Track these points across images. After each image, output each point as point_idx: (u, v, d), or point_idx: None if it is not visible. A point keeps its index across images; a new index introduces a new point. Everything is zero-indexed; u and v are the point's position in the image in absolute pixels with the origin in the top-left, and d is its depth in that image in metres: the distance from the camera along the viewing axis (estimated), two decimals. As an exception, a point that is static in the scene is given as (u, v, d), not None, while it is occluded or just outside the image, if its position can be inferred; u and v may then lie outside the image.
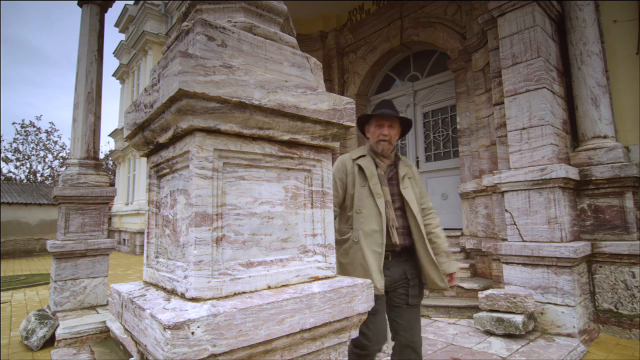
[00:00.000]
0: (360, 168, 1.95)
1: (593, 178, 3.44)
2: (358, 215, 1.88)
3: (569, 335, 3.05)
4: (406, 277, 1.94)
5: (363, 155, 2.00)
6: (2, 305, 5.46)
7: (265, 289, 1.05)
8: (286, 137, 1.13)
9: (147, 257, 1.22)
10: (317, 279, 1.18)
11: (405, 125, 2.11)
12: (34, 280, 7.61)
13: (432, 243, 1.95)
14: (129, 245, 13.10)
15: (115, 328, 3.47)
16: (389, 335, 1.92)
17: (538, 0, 3.51)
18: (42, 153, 26.30)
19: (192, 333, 0.81)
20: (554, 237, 3.17)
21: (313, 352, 1.09)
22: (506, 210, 3.50)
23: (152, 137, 1.14)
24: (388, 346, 1.52)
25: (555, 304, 3.14)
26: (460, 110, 5.39)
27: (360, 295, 1.18)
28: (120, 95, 16.95)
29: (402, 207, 1.95)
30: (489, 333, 3.20)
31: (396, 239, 1.86)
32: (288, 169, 1.18)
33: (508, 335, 3.07)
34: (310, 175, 1.23)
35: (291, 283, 1.12)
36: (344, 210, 1.99)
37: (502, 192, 3.59)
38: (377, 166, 1.97)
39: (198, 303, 0.91)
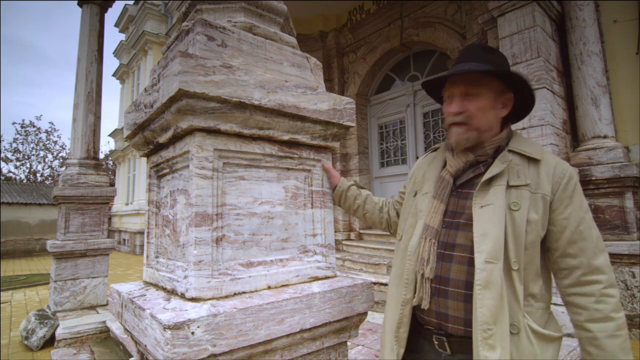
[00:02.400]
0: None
1: (593, 178, 3.44)
2: (397, 245, 1.16)
3: (569, 335, 3.04)
4: None
5: (436, 149, 1.23)
6: (2, 305, 5.46)
7: (265, 289, 1.05)
8: (286, 137, 1.13)
9: (147, 257, 1.22)
10: (317, 279, 1.18)
11: (519, 88, 1.04)
12: (34, 280, 7.61)
13: (588, 355, 0.93)
14: (129, 245, 13.09)
15: (115, 328, 3.47)
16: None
17: (538, 0, 3.51)
18: (42, 153, 26.31)
19: (192, 333, 0.81)
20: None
21: (313, 352, 1.09)
22: (506, 210, 3.50)
23: (152, 137, 1.14)
24: None
25: (555, 304, 3.13)
26: (460, 110, 5.38)
27: (360, 295, 1.18)
28: (120, 95, 16.95)
29: (472, 244, 0.97)
30: (489, 333, 3.20)
31: (423, 298, 1.00)
32: (288, 169, 1.17)
33: (508, 335, 3.07)
34: (310, 175, 1.23)
35: (291, 283, 1.12)
36: None
37: (502, 192, 3.58)
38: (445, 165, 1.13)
39: (198, 303, 0.91)
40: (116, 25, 16.93)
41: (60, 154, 26.81)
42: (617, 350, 0.89)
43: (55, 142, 26.99)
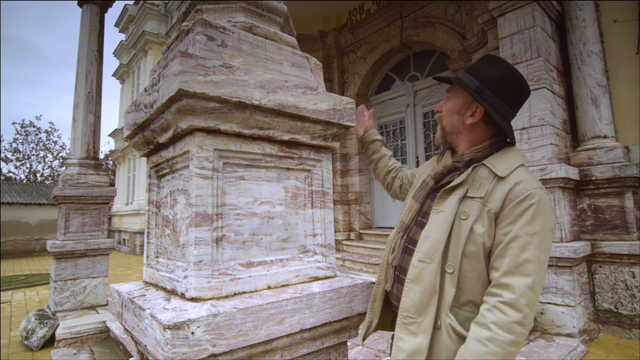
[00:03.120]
0: None
1: (593, 178, 3.44)
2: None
3: (569, 335, 3.04)
4: None
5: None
6: (2, 305, 5.46)
7: (265, 289, 1.05)
8: (286, 137, 1.13)
9: (147, 257, 1.22)
10: (317, 279, 1.18)
11: (487, 95, 1.04)
12: (34, 280, 7.61)
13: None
14: (129, 245, 13.09)
15: (115, 328, 3.47)
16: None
17: (538, 0, 3.51)
18: (42, 153, 26.32)
19: (192, 333, 0.81)
20: (553, 238, 3.17)
21: (313, 352, 1.09)
22: (506, 210, 3.49)
23: (152, 137, 1.14)
24: (389, 346, 1.47)
25: (555, 304, 3.13)
26: (460, 110, 5.38)
27: (360, 295, 1.19)
28: (120, 95, 16.95)
29: None
30: (489, 333, 3.19)
31: (387, 281, 1.14)
32: (288, 169, 1.18)
33: (508, 335, 3.07)
34: (310, 175, 1.23)
35: (291, 283, 1.12)
36: None
37: (502, 192, 3.58)
38: None
39: (198, 303, 0.91)
40: (116, 25, 16.93)
41: (60, 154, 26.81)
42: (475, 355, 0.87)
43: (55, 142, 27.00)
